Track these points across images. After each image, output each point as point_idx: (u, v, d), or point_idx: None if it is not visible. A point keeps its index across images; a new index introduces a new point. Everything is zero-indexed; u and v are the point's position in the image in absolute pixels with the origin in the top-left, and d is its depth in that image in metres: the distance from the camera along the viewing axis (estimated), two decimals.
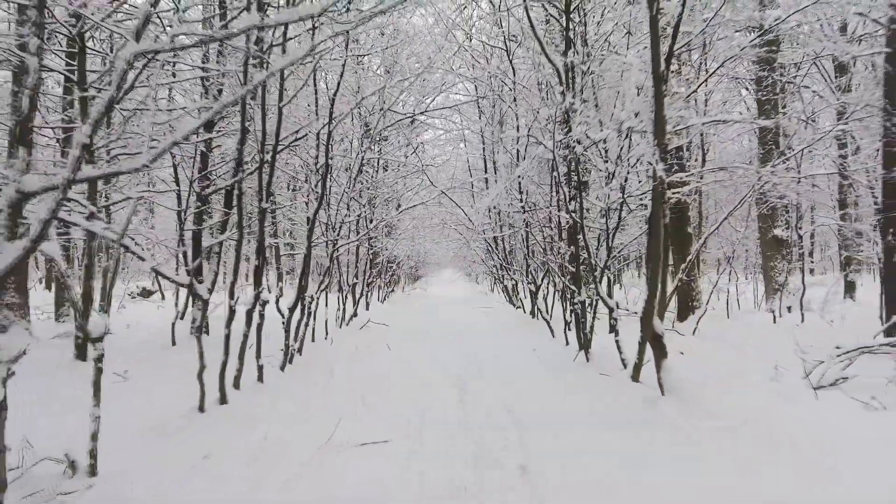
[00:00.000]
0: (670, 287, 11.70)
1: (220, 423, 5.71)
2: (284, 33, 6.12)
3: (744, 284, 18.41)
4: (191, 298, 12.95)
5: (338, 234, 10.76)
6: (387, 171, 17.45)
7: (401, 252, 25.07)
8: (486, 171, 18.56)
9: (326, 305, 12.51)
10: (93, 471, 4.16)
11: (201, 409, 6.07)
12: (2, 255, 2.79)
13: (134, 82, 7.72)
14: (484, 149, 18.25)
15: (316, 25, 6.41)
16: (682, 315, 13.22)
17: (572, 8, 9.21)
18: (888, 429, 5.16)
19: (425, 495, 3.95)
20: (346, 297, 14.95)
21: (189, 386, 6.29)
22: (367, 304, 19.78)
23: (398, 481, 4.18)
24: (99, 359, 4.30)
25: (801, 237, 14.58)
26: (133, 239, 7.49)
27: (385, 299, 25.93)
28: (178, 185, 11.60)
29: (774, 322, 13.29)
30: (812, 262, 30.73)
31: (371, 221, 16.01)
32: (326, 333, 12.03)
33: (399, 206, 19.63)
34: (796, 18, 8.17)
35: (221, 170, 12.24)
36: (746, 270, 19.72)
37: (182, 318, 12.16)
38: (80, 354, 8.98)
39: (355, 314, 16.15)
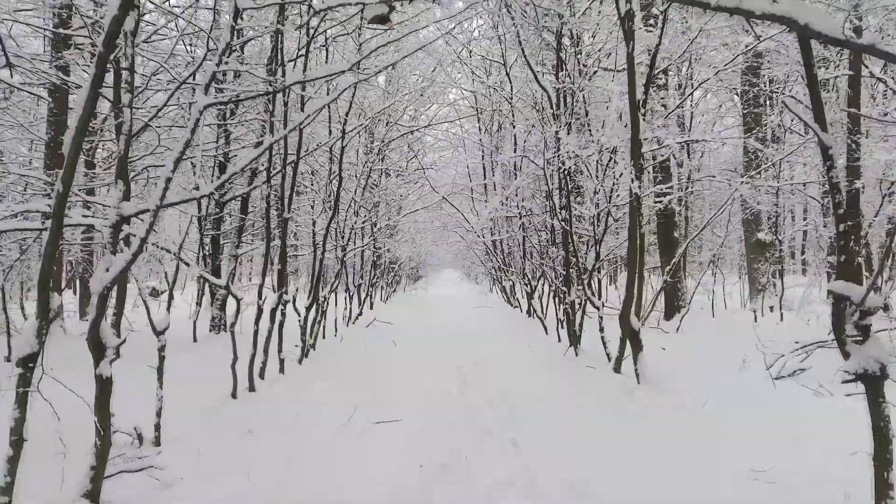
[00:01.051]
0: (657, 287, 12.55)
1: (253, 407, 6.57)
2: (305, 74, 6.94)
3: (731, 285, 19.23)
4: (209, 298, 13.86)
5: (347, 240, 11.61)
6: (389, 176, 18.29)
7: (402, 254, 25.93)
8: (484, 177, 19.41)
9: (336, 305, 13.37)
10: (157, 441, 5.01)
11: (234, 395, 6.92)
12: (113, 266, 3.63)
13: (167, 101, 8.56)
14: (483, 156, 19.09)
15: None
16: (669, 314, 14.08)
17: (563, 32, 10.06)
18: (823, 408, 6.06)
19: (433, 463, 4.77)
20: (352, 297, 15.80)
21: (215, 378, 7.12)
22: (371, 304, 20.64)
23: (410, 452, 5.01)
24: (162, 348, 5.16)
25: (780, 241, 15.42)
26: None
27: (387, 299, 26.78)
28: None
29: (755, 321, 14.12)
30: (805, 264, 31.54)
31: (375, 225, 16.86)
32: (336, 331, 12.89)
33: (400, 208, 20.51)
34: (765, 45, 9.03)
35: (236, 179, 13.11)
36: (741, 271, 20.56)
37: (197, 317, 13.02)
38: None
39: (360, 313, 17.01)
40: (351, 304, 15.75)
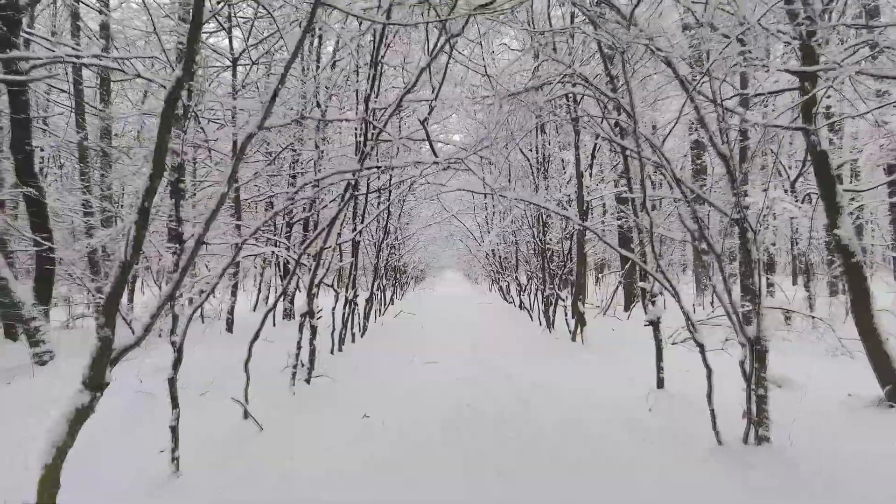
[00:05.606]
0: (613, 286, 16.82)
1: (346, 359, 10.83)
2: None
3: (685, 284, 23.53)
4: (273, 293, 18.17)
5: (388, 253, 15.92)
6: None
7: (413, 258, 30.25)
8: (484, 197, 23.72)
9: (376, 300, 17.66)
10: (312, 367, 9.27)
11: (332, 352, 11.20)
12: (317, 275, 7.87)
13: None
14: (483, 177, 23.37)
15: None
16: (627, 307, 18.38)
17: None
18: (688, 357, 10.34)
19: (463, 379, 9.04)
20: (381, 294, 20.11)
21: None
22: (392, 301, 24.95)
23: (449, 375, 9.29)
24: (316, 321, 9.43)
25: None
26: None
27: (401, 297, 31.07)
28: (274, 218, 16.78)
29: (694, 311, 18.44)
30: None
31: (396, 237, 21.14)
32: (376, 318, 17.20)
33: (408, 222, 24.82)
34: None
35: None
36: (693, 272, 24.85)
37: (256, 308, 17.28)
38: (229, 328, 14.10)
39: (386, 308, 21.32)
40: (381, 300, 20.05)
